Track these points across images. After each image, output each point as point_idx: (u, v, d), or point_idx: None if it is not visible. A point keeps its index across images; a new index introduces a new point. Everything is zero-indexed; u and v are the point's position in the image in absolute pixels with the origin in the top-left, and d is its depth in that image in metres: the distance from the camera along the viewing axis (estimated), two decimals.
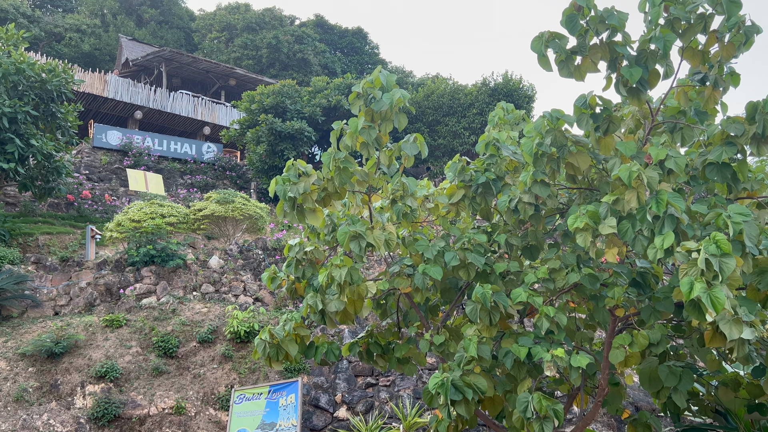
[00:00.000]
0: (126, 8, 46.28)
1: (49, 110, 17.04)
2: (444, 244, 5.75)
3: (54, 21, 43.43)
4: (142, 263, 13.77)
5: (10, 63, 15.96)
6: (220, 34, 46.92)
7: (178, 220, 15.14)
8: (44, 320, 12.38)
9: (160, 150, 28.41)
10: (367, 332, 6.83)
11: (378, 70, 5.66)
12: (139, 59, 34.51)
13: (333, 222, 6.38)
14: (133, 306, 12.88)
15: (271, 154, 23.90)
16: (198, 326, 12.23)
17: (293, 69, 44.53)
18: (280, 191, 5.72)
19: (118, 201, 22.13)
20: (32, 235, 16.47)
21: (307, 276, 6.33)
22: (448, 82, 30.14)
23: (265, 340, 6.08)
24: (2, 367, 10.55)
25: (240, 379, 11.21)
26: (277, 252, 15.26)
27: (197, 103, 33.19)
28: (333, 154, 5.65)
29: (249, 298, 13.82)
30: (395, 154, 5.98)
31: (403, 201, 5.78)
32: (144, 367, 11.17)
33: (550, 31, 4.88)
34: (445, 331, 6.06)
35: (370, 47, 54.81)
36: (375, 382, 11.44)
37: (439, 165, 27.53)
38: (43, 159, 16.38)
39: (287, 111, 24.29)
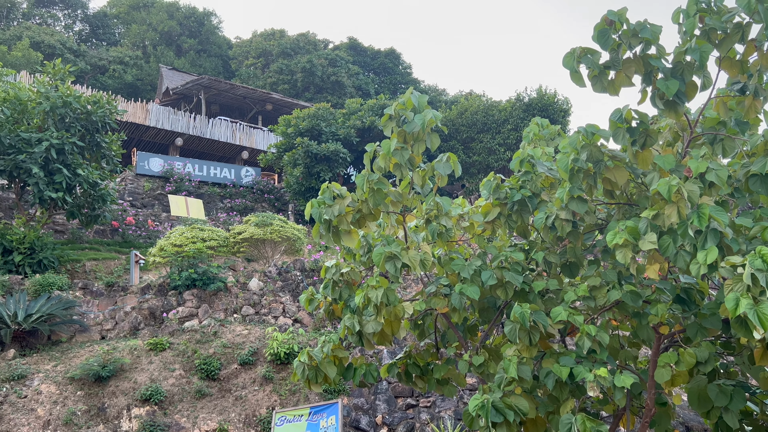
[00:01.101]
0: (166, 39, 47.87)
1: (95, 140, 17.67)
2: (481, 263, 5.70)
3: (98, 54, 45.22)
4: (184, 287, 14.04)
5: (58, 97, 16.65)
6: (257, 61, 48.03)
7: (219, 244, 15.42)
8: (91, 344, 12.71)
9: (200, 175, 29.09)
10: (405, 353, 6.79)
11: (410, 92, 5.71)
12: (178, 87, 35.58)
13: (368, 243, 6.39)
14: (176, 329, 13.12)
15: (307, 176, 24.20)
16: (239, 348, 12.37)
17: (327, 92, 45.18)
18: (316, 214, 5.78)
19: (161, 226, 22.69)
20: (80, 262, 17.00)
21: (344, 297, 6.35)
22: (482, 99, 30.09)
23: (304, 363, 6.11)
24: (52, 391, 10.86)
25: (281, 400, 11.26)
26: (314, 273, 15.37)
27: (235, 128, 33.94)
28: (367, 176, 5.70)
29: (288, 320, 13.92)
30: (428, 174, 5.99)
31: (438, 220, 5.77)
32: (187, 390, 11.34)
33: (582, 47, 4.85)
34: (484, 352, 5.98)
35: (403, 67, 55.25)
36: (415, 403, 11.34)
37: (474, 182, 27.40)
38: (89, 187, 16.95)
39: (322, 133, 24.62)
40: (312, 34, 50.94)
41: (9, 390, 10.65)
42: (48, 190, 15.66)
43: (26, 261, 15.14)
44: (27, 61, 35.61)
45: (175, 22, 48.17)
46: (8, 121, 16.50)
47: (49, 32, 43.64)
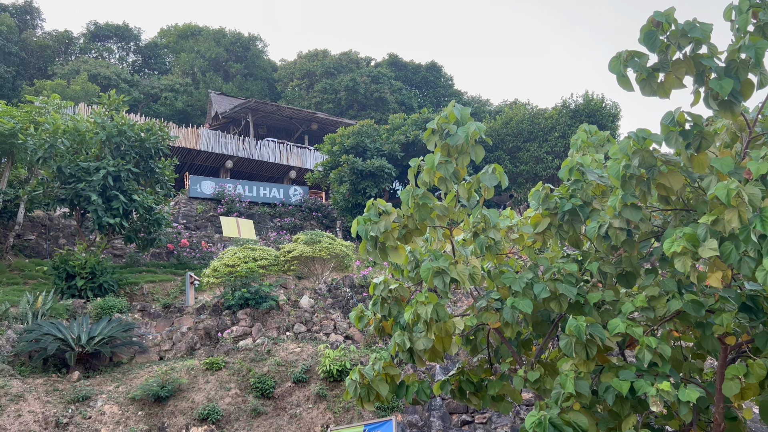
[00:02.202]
0: (214, 65, 49.37)
1: (149, 166, 18.31)
2: (532, 276, 5.57)
3: (151, 83, 47.01)
4: (238, 306, 14.29)
5: (113, 126, 17.34)
6: (301, 81, 48.93)
7: (270, 263, 15.66)
8: (150, 365, 13.05)
9: (250, 196, 29.71)
10: (458, 369, 6.68)
11: (452, 105, 5.67)
12: (227, 111, 36.56)
13: (416, 258, 6.35)
14: (231, 348, 13.33)
15: (353, 192, 24.37)
16: (292, 366, 12.46)
17: (371, 108, 45.56)
18: (362, 231, 5.78)
19: (214, 247, 23.23)
20: (138, 284, 17.56)
21: (393, 314, 6.31)
22: (527, 107, 29.72)
23: (355, 381, 6.08)
24: (115, 411, 11.18)
25: (335, 418, 11.26)
26: (364, 289, 15.39)
27: (282, 149, 34.57)
28: (411, 191, 5.67)
29: (339, 337, 13.96)
30: (474, 186, 5.91)
31: (486, 233, 5.68)
32: (243, 409, 11.48)
33: (629, 50, 4.71)
34: (540, 367, 5.82)
35: (445, 80, 55.25)
36: (471, 419, 11.14)
37: (522, 192, 27.00)
38: (145, 212, 17.54)
39: (367, 150, 24.80)
40: (354, 53, 51.60)
41: (74, 411, 11.03)
42: (106, 216, 16.28)
43: (88, 285, 15.72)
44: (85, 93, 37.32)
45: (222, 49, 49.64)
46: (68, 152, 17.28)
47: (105, 65, 45.66)
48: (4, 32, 43.16)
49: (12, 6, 48.31)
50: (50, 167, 17.49)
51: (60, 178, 17.39)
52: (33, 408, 10.92)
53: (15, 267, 18.11)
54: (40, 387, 11.68)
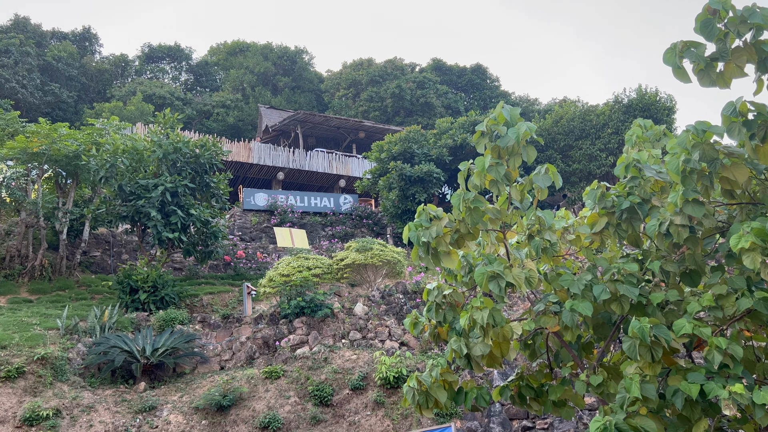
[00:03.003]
0: (262, 80, 50.47)
1: (204, 181, 18.84)
2: (591, 277, 5.42)
3: (203, 100, 48.47)
4: (294, 315, 14.50)
5: (169, 144, 17.95)
6: (347, 91, 49.43)
7: (323, 271, 15.83)
8: (212, 375, 13.38)
9: (302, 206, 30.16)
10: (517, 375, 6.56)
11: (500, 106, 5.60)
12: (276, 124, 37.30)
13: (469, 263, 6.27)
14: (289, 357, 13.52)
15: (402, 198, 24.40)
16: (349, 373, 12.54)
17: (417, 114, 45.58)
18: (414, 237, 5.76)
19: (269, 257, 23.67)
20: (197, 296, 18.06)
21: (449, 320, 6.25)
22: (577, 105, 29.10)
23: (413, 388, 6.05)
24: (180, 420, 11.50)
25: (393, 425, 11.25)
26: (417, 295, 15.35)
27: (331, 158, 34.98)
28: (462, 195, 5.62)
29: (395, 343, 13.96)
30: (527, 187, 5.81)
31: (541, 235, 5.57)
32: (302, 417, 11.61)
33: (684, 41, 4.55)
34: (603, 371, 5.65)
35: (491, 81, 54.75)
36: (531, 425, 10.93)
37: (576, 191, 26.41)
38: (202, 226, 18.04)
39: (415, 155, 24.81)
40: (399, 60, 51.78)
41: (142, 420, 11.40)
42: (165, 231, 16.83)
43: (150, 298, 16.27)
44: (140, 113, 38.81)
45: (270, 63, 50.71)
46: (128, 170, 17.97)
47: (159, 85, 47.38)
48: (65, 59, 45.38)
49: (72, 33, 50.78)
50: (112, 186, 18.25)
51: (121, 195, 18.11)
52: (103, 418, 11.35)
53: (82, 283, 18.93)
54: (110, 398, 12.14)
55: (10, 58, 41.47)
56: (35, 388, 11.80)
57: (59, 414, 11.17)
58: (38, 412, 10.97)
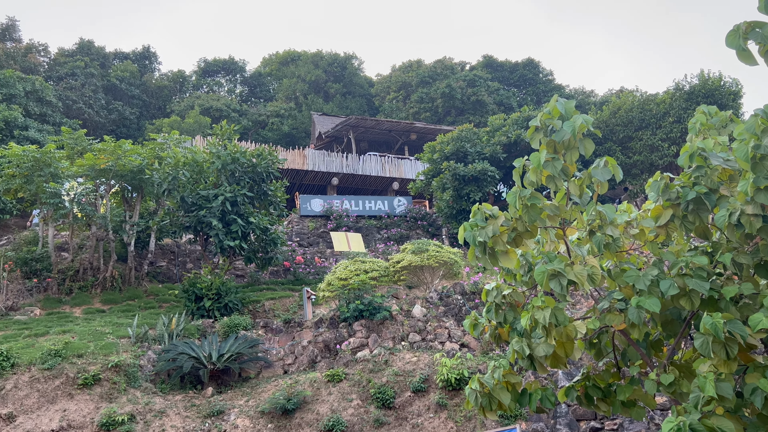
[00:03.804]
0: (314, 88, 51.24)
1: (261, 189, 19.27)
2: (658, 272, 5.22)
3: (258, 111, 49.62)
4: (353, 318, 14.61)
5: (227, 154, 18.44)
6: (397, 94, 49.55)
7: (380, 274, 15.89)
8: (276, 379, 13.63)
9: (356, 210, 30.41)
10: (583, 375, 6.38)
11: (554, 99, 5.47)
12: (329, 131, 37.76)
13: (528, 262, 6.14)
14: (350, 360, 13.63)
15: (457, 198, 24.21)
16: (410, 376, 12.52)
17: (469, 113, 45.19)
18: (470, 237, 5.69)
19: (327, 262, 23.96)
20: (259, 302, 18.46)
21: (509, 320, 6.14)
22: (635, 94, 28.16)
23: (475, 390, 5.98)
24: (247, 424, 11.77)
25: (457, 427, 11.15)
26: (475, 295, 15.19)
27: (384, 161, 35.13)
28: (518, 192, 5.51)
29: (455, 345, 13.85)
30: (586, 182, 5.65)
31: (603, 230, 5.39)
32: (366, 420, 11.67)
33: (747, 22, 4.31)
34: (674, 369, 5.42)
35: (543, 75, 53.74)
36: (600, 426, 10.61)
37: (638, 183, 25.54)
38: (261, 233, 18.45)
39: (468, 154, 24.58)
40: (448, 59, 51.52)
41: (211, 425, 11.73)
42: (227, 239, 17.29)
43: (215, 305, 16.75)
44: (198, 126, 40.09)
45: (321, 71, 51.43)
46: (189, 182, 18.58)
47: (215, 98, 48.83)
48: (127, 78, 47.43)
49: (132, 53, 53.02)
50: (174, 197, 18.91)
51: (183, 207, 18.74)
52: (175, 423, 11.75)
53: (150, 292, 19.68)
54: (179, 403, 12.55)
55: (76, 81, 43.68)
56: (110, 394, 12.33)
57: (133, 419, 11.63)
58: (114, 417, 11.45)
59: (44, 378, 12.34)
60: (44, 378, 12.34)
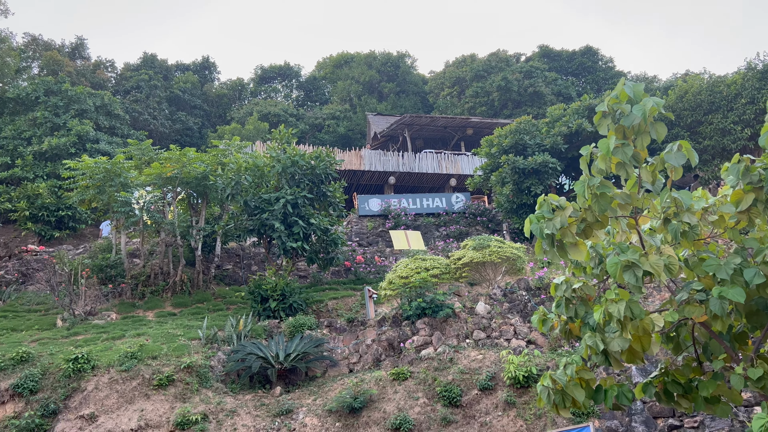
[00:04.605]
0: (368, 88, 51.50)
1: (321, 191, 19.50)
2: (741, 260, 4.91)
3: (314, 114, 50.33)
4: (416, 316, 14.55)
5: (287, 158, 18.76)
6: (452, 90, 49.15)
7: (441, 271, 15.77)
8: (342, 378, 13.74)
9: (414, 208, 30.34)
10: (661, 370, 6.09)
11: (622, 83, 5.23)
12: (384, 130, 37.85)
13: (598, 253, 5.91)
14: (414, 358, 13.58)
15: (517, 192, 23.74)
16: (476, 374, 12.35)
17: (526, 105, 44.34)
18: (536, 229, 5.52)
19: (386, 261, 24.01)
20: (322, 302, 18.68)
21: (580, 315, 5.93)
22: (703, 77, 26.87)
23: (547, 387, 5.80)
24: (315, 423, 11.91)
25: (527, 425, 10.92)
26: (540, 291, 14.84)
27: (440, 158, 34.91)
28: (586, 181, 5.30)
29: (521, 342, 13.57)
30: (658, 167, 5.38)
31: (679, 218, 5.12)
32: (432, 418, 11.59)
33: None
34: (762, 363, 5.10)
35: (603, 63, 52.15)
36: (679, 423, 10.15)
37: (709, 170, 24.35)
38: (322, 234, 18.67)
39: (527, 147, 24.06)
40: (502, 52, 50.70)
41: (280, 424, 11.94)
42: (289, 241, 17.59)
43: (280, 306, 17.06)
44: (257, 132, 41.01)
45: (374, 71, 51.63)
46: (251, 186, 18.99)
47: (273, 103, 49.86)
48: (189, 89, 49.07)
49: (193, 64, 54.82)
50: (238, 202, 19.39)
51: (247, 210, 19.19)
52: (245, 422, 12.02)
53: (218, 294, 20.25)
54: (249, 402, 12.84)
55: (141, 93, 45.54)
56: (184, 394, 12.74)
57: (206, 418, 11.97)
58: (188, 417, 11.82)
59: (122, 379, 12.88)
60: (122, 379, 12.88)
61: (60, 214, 28.37)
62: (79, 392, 12.65)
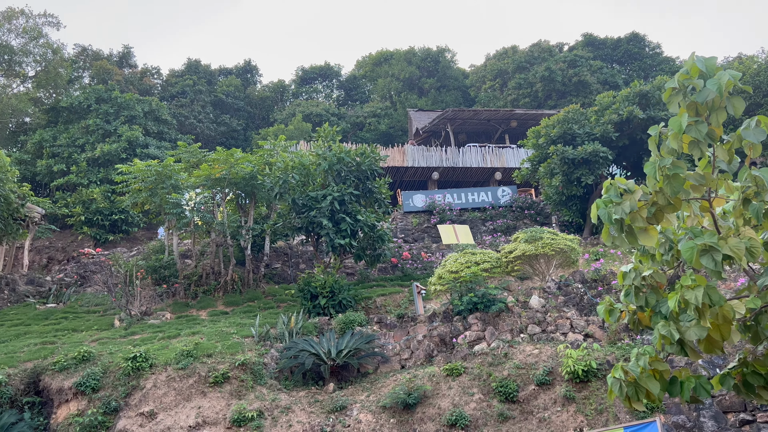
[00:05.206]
0: (408, 85, 51.29)
1: (366, 187, 19.45)
2: None
3: (355, 113, 50.45)
4: (467, 311, 14.33)
5: (332, 155, 18.79)
6: (493, 82, 48.48)
7: (492, 265, 15.49)
8: (394, 374, 13.64)
9: (459, 203, 30.01)
10: (739, 360, 5.75)
11: (692, 57, 4.94)
12: (426, 126, 37.60)
13: (668, 239, 5.64)
14: (467, 353, 13.37)
15: (567, 183, 23.16)
16: (533, 369, 12.07)
17: (571, 95, 43.38)
18: (604, 215, 5.26)
19: (433, 257, 23.81)
20: (371, 298, 18.63)
21: (651, 303, 5.65)
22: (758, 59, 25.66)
23: (619, 379, 5.55)
24: (369, 419, 11.85)
25: (588, 421, 10.59)
26: (597, 283, 14.41)
27: (485, 152, 34.45)
28: (657, 162, 5.03)
29: (578, 335, 13.20)
30: (734, 145, 5.06)
31: (760, 198, 4.80)
32: (489, 414, 11.37)
33: None
34: None
35: (650, 49, 50.59)
36: (751, 418, 9.66)
37: None
38: (369, 230, 18.62)
39: (576, 136, 23.44)
40: (545, 42, 49.75)
41: (335, 420, 11.93)
42: (337, 238, 17.60)
43: (329, 303, 17.09)
44: (300, 132, 41.36)
45: (414, 67, 51.38)
46: (298, 185, 19.08)
47: (314, 104, 50.20)
48: (232, 92, 49.87)
49: (235, 68, 55.71)
50: (285, 200, 19.53)
51: (295, 209, 19.30)
52: (300, 418, 12.05)
53: (268, 293, 20.45)
54: (303, 399, 12.88)
55: (186, 98, 46.53)
56: (239, 391, 12.87)
57: (262, 415, 12.06)
58: (244, 413, 11.93)
59: (179, 377, 13.10)
60: (179, 377, 13.10)
61: (113, 218, 29.25)
62: (139, 390, 12.93)
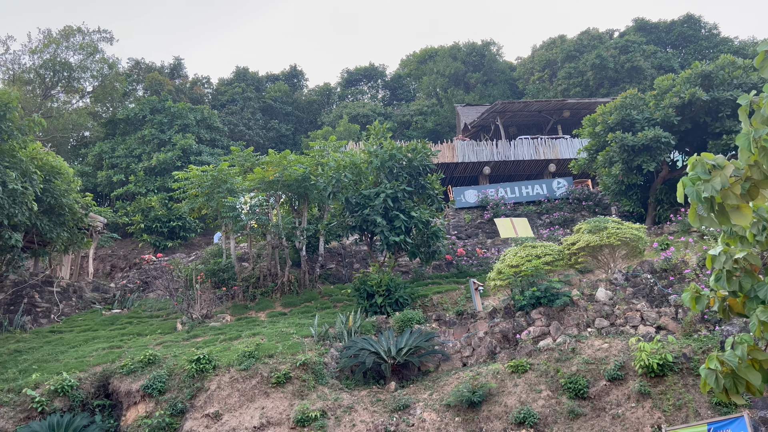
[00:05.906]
0: (454, 80, 50.75)
1: (419, 183, 19.20)
2: None
3: (401, 112, 50.28)
4: (530, 306, 13.90)
5: (384, 152, 18.63)
6: (542, 73, 47.44)
7: (553, 258, 14.98)
8: (456, 372, 13.34)
9: (513, 197, 29.41)
10: None
11: None
12: (475, 120, 37.04)
13: (762, 218, 5.18)
14: (532, 349, 12.95)
15: (627, 172, 22.30)
16: (603, 363, 11.56)
17: (624, 81, 42.00)
18: (692, 193, 4.87)
19: (488, 252, 23.35)
20: (427, 296, 18.36)
21: (746, 288, 5.22)
22: None
23: (715, 370, 5.14)
24: (434, 418, 11.59)
25: (666, 417, 10.04)
26: (668, 273, 13.72)
27: (537, 143, 33.66)
28: (751, 133, 4.61)
29: (650, 328, 12.58)
30: None
31: None
32: (558, 411, 10.95)
33: None
34: None
35: (706, 30, 48.53)
36: None
37: None
38: (423, 227, 18.37)
39: (635, 122, 22.53)
40: (594, 29, 48.36)
41: (398, 419, 11.73)
42: (391, 235, 17.42)
43: (386, 301, 16.92)
44: (348, 133, 41.48)
45: (459, 62, 50.81)
46: (351, 184, 19.00)
47: (361, 105, 50.28)
48: (280, 98, 50.49)
49: (282, 73, 56.41)
50: (339, 200, 19.50)
51: (348, 208, 19.26)
52: (363, 418, 11.91)
53: (324, 293, 20.46)
54: (365, 398, 12.73)
55: (236, 105, 47.38)
56: (301, 391, 12.83)
57: (325, 415, 11.97)
58: (307, 414, 11.87)
59: (242, 378, 13.17)
60: (242, 378, 13.17)
61: (171, 225, 29.97)
62: (203, 391, 13.06)
